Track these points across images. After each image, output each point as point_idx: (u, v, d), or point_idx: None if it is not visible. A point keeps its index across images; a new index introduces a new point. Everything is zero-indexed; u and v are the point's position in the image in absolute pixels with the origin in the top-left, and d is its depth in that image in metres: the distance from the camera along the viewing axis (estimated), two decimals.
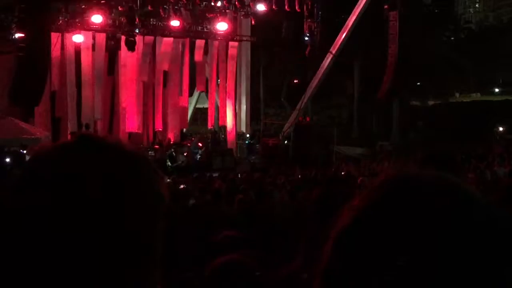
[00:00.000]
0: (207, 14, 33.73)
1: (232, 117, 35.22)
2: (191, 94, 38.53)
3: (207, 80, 35.23)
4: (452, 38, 60.12)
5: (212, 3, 32.83)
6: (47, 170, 1.15)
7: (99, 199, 1.12)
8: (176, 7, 31.86)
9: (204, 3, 32.57)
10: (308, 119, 36.17)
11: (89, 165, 1.15)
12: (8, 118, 26.61)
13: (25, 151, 22.05)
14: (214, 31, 33.85)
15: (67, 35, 29.83)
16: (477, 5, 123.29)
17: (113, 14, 30.98)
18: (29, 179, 1.15)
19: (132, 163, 1.21)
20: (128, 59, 31.33)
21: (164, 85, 33.40)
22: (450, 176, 1.10)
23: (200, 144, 32.33)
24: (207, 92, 36.56)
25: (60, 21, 29.38)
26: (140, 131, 32.39)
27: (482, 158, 26.63)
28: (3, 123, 25.84)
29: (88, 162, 1.15)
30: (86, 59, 30.20)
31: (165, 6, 31.53)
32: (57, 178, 1.13)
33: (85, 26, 30.02)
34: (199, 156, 31.47)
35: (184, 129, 36.10)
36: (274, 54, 46.51)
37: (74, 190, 1.11)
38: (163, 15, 31.83)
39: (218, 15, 33.42)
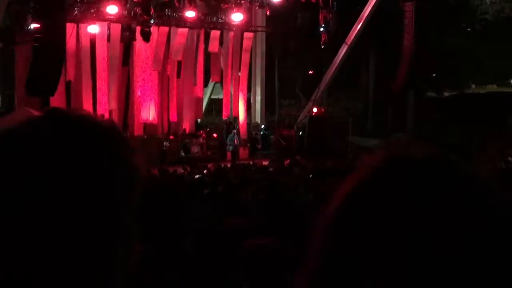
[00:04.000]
0: (222, 5, 33.66)
1: (245, 108, 35.23)
2: (206, 84, 38.55)
3: (222, 71, 35.24)
4: (468, 29, 59.70)
5: None
6: (11, 148, 1.13)
7: (64, 177, 1.10)
8: None
9: None
10: (323, 110, 36.08)
11: (55, 141, 1.13)
12: (24, 108, 26.75)
13: None
14: (229, 21, 33.81)
15: (82, 26, 29.90)
16: None
17: (128, 5, 31.03)
18: None
19: (100, 137, 1.19)
20: (143, 49, 31.40)
21: (179, 76, 33.45)
22: (444, 154, 1.06)
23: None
24: (222, 82, 36.55)
25: (76, 12, 29.45)
26: (155, 122, 32.48)
27: (499, 149, 26.47)
28: (19, 113, 25.98)
29: (54, 137, 1.14)
30: (101, 49, 30.28)
31: None
32: (21, 156, 1.11)
33: (100, 17, 30.09)
34: (231, 147, 31.43)
35: (199, 120, 36.15)
36: (289, 45, 46.41)
37: (38, 168, 1.10)
38: (178, 6, 31.82)
39: (233, 5, 33.34)
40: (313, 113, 34.90)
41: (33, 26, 25.93)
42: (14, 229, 1.08)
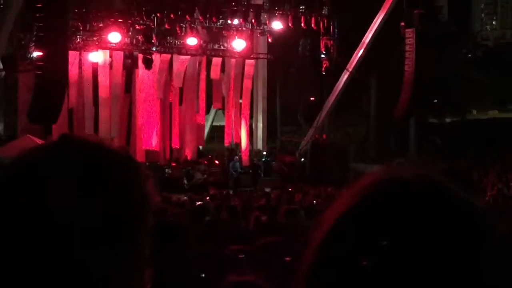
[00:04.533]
0: (223, 32, 33.84)
1: (247, 135, 35.25)
2: (207, 111, 38.60)
3: (223, 98, 35.31)
4: (469, 55, 59.95)
5: (229, 21, 32.93)
6: (25, 172, 1.15)
7: (77, 200, 1.12)
8: (193, 25, 32.03)
9: (220, 21, 32.69)
10: (324, 136, 36.12)
11: (67, 166, 1.15)
12: (26, 136, 26.79)
13: None
14: (230, 49, 33.97)
15: (84, 53, 30.06)
16: (494, 23, 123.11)
17: (130, 33, 31.20)
18: (8, 181, 1.16)
19: (112, 163, 1.20)
20: (145, 77, 31.49)
21: (181, 103, 33.51)
22: (434, 175, 1.08)
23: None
24: (223, 109, 36.63)
25: (78, 40, 29.62)
26: (157, 149, 32.47)
27: (500, 175, 26.46)
28: (21, 141, 26.01)
29: (66, 163, 1.15)
30: (103, 77, 30.40)
31: (182, 24, 31.70)
32: (34, 180, 1.13)
33: (103, 45, 30.24)
34: (234, 174, 31.44)
35: (201, 147, 36.15)
36: (290, 72, 46.57)
37: (50, 193, 1.11)
38: (180, 33, 32.00)
39: (235, 33, 33.53)
40: (315, 140, 34.92)
41: (35, 54, 26.05)
42: (27, 253, 1.09)
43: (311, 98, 46.77)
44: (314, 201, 17.03)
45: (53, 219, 1.10)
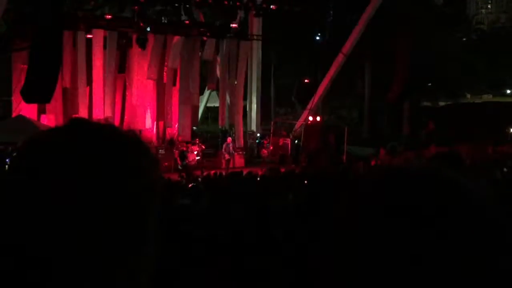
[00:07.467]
0: (218, 13, 33.72)
1: (241, 116, 35.23)
2: (202, 92, 38.53)
3: (218, 79, 35.23)
4: (464, 39, 59.89)
5: (224, 2, 32.80)
6: (36, 156, 1.15)
7: (88, 185, 1.12)
8: (187, 5, 31.90)
9: (215, 2, 32.56)
10: (318, 118, 36.13)
11: (79, 150, 1.15)
12: (19, 116, 26.75)
13: None
14: (225, 30, 33.85)
15: (79, 33, 29.92)
16: (489, 6, 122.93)
17: (125, 13, 31.07)
18: (19, 166, 1.16)
19: (123, 147, 1.21)
20: (139, 57, 31.40)
21: (175, 83, 33.44)
22: (446, 171, 1.08)
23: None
24: (218, 91, 36.57)
25: (73, 19, 29.46)
26: (150, 129, 32.45)
27: (493, 159, 26.50)
28: (15, 120, 25.98)
29: (77, 146, 1.16)
30: (97, 57, 30.29)
31: (176, 5, 31.57)
32: (45, 164, 1.13)
33: (97, 24, 30.12)
34: (228, 155, 31.36)
35: (195, 128, 36.11)
36: (285, 54, 46.51)
37: (61, 177, 1.11)
38: (174, 14, 31.87)
39: (230, 13, 33.40)
40: (309, 122, 34.95)
41: (30, 33, 25.91)
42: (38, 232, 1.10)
43: (306, 80, 46.78)
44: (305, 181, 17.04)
45: (62, 204, 1.11)
